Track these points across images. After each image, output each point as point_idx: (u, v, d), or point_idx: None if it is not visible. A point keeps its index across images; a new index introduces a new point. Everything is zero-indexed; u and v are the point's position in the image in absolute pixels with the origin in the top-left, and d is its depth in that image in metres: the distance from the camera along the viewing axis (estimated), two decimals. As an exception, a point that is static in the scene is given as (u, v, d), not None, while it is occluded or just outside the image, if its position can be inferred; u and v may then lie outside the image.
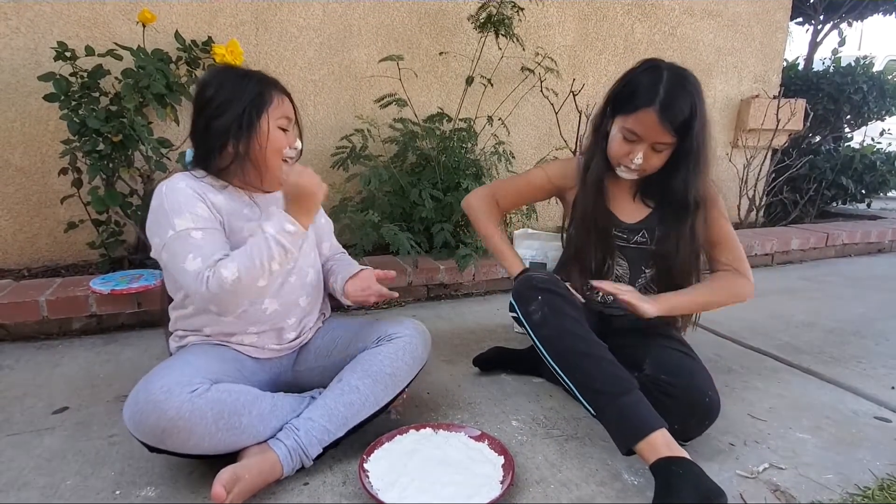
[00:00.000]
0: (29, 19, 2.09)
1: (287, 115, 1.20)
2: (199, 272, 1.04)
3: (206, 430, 0.99)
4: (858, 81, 3.95)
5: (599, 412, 1.13)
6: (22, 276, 2.16)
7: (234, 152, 1.15)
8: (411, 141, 2.48)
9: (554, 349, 1.20)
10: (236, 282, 1.04)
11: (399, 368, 1.22)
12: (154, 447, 1.01)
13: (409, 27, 2.71)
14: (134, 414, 0.98)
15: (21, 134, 2.16)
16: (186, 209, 1.09)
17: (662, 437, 1.05)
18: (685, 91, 1.20)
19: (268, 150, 1.17)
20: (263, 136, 1.16)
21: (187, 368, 1.05)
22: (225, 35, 2.35)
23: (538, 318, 1.22)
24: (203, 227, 1.09)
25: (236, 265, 1.05)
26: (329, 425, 1.11)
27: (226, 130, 1.14)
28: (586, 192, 1.37)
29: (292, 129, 1.23)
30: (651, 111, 1.19)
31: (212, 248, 1.08)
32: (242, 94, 1.15)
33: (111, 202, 2.00)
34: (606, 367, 1.14)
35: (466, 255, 2.25)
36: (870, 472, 1.15)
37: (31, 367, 1.62)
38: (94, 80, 2.01)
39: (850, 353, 1.81)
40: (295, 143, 1.23)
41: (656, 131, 1.21)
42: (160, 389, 0.98)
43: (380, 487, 1.02)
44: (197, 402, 0.98)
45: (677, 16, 3.36)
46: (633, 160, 1.24)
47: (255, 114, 1.15)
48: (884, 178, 3.98)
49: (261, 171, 1.19)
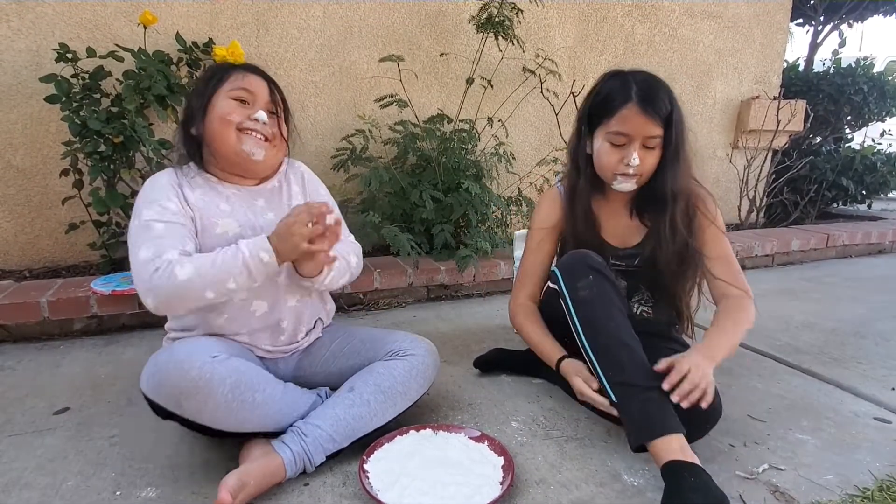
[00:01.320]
0: (30, 21, 2.10)
1: (245, 87, 1.17)
2: (149, 260, 1.04)
3: (223, 397, 1.00)
4: (859, 82, 3.95)
5: (623, 400, 1.12)
6: (23, 276, 2.17)
7: (196, 136, 1.18)
8: (412, 142, 2.49)
9: (593, 330, 1.18)
10: (186, 282, 1.03)
11: (410, 388, 1.22)
12: (169, 412, 1.01)
13: (410, 28, 2.71)
14: (154, 374, 1.00)
15: (22, 135, 2.16)
16: (157, 202, 1.11)
17: (679, 441, 1.04)
18: (658, 83, 1.22)
19: (212, 121, 1.16)
20: (211, 112, 1.16)
21: (207, 341, 1.08)
22: (226, 36, 2.35)
23: (585, 295, 1.20)
24: (167, 221, 1.10)
25: (193, 266, 1.05)
26: (336, 435, 1.11)
27: (189, 118, 1.18)
28: (576, 223, 1.37)
29: (258, 104, 1.18)
30: (632, 105, 1.20)
31: (170, 241, 1.08)
32: (209, 76, 1.19)
33: (112, 203, 2.00)
34: (640, 361, 1.14)
35: (466, 256, 2.25)
36: (869, 473, 1.15)
37: (32, 367, 1.63)
38: (95, 81, 2.02)
39: (850, 354, 1.81)
40: (255, 114, 1.16)
41: (643, 124, 1.20)
42: (182, 352, 1.01)
43: (380, 488, 1.02)
44: (218, 368, 1.00)
45: (678, 17, 3.37)
46: (629, 162, 1.22)
47: (208, 94, 1.16)
48: (884, 179, 3.98)
49: (215, 148, 1.18)
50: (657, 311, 1.42)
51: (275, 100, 1.21)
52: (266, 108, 1.19)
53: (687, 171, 1.28)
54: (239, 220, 1.19)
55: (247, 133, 1.16)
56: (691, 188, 1.31)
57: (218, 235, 1.16)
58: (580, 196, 1.35)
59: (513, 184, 2.86)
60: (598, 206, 1.38)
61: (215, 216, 1.17)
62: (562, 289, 1.24)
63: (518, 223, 2.67)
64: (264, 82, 1.20)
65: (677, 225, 1.28)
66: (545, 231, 1.45)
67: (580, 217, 1.36)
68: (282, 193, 1.30)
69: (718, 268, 1.32)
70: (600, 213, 1.38)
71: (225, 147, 1.16)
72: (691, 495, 0.95)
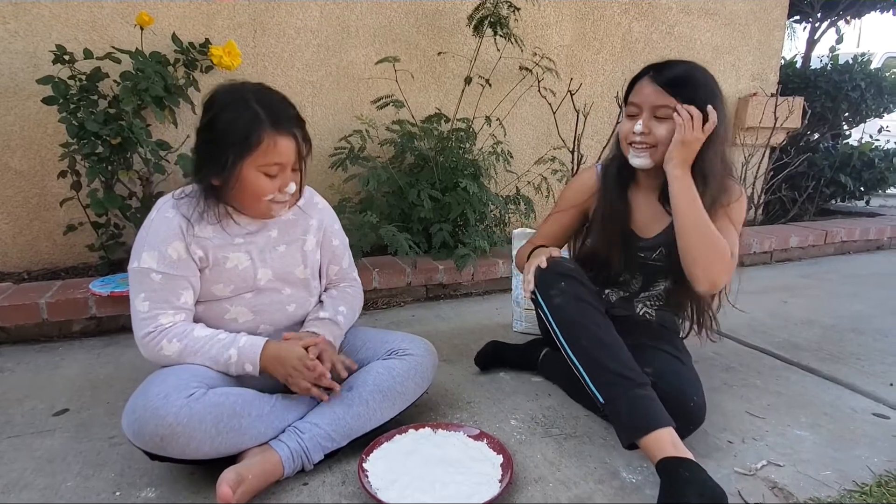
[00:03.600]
0: (27, 23, 2.10)
1: (278, 161, 1.10)
2: (144, 316, 1.10)
3: (205, 434, 0.99)
4: (856, 79, 3.95)
5: (609, 401, 1.12)
6: (22, 278, 2.16)
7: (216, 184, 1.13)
8: (409, 142, 2.49)
9: (572, 334, 1.18)
10: (169, 357, 1.10)
11: (409, 388, 1.22)
12: (155, 455, 1.01)
13: (407, 28, 2.71)
14: (132, 423, 0.98)
15: (20, 137, 2.16)
16: (158, 247, 1.11)
17: (670, 436, 1.05)
18: (680, 62, 1.26)
19: (244, 195, 1.13)
20: (236, 181, 1.10)
21: (184, 374, 1.05)
22: (223, 37, 2.35)
23: (559, 301, 1.20)
24: (164, 272, 1.11)
25: (181, 346, 1.10)
26: (334, 434, 1.11)
27: (210, 162, 1.11)
28: (605, 207, 1.36)
29: (287, 171, 1.13)
30: (645, 78, 1.25)
31: (164, 295, 1.11)
32: (233, 129, 1.07)
33: (110, 204, 2.00)
34: (623, 359, 1.14)
35: (465, 255, 2.25)
36: (868, 469, 1.15)
37: (31, 369, 1.63)
38: (92, 83, 2.02)
39: (848, 350, 1.82)
40: (287, 187, 1.14)
41: (651, 93, 1.22)
42: (157, 396, 0.98)
43: (379, 487, 1.02)
44: (195, 407, 0.98)
45: (675, 14, 3.37)
46: (635, 129, 1.24)
47: (235, 158, 1.07)
48: (882, 176, 3.98)
49: (242, 208, 1.18)
50: (660, 314, 1.42)
51: (300, 155, 1.15)
52: (293, 171, 1.15)
53: (715, 156, 1.24)
54: (251, 253, 1.20)
55: (275, 203, 1.15)
56: (723, 179, 1.27)
57: (228, 269, 1.17)
58: (610, 177, 1.37)
59: (511, 182, 2.86)
60: (632, 194, 1.38)
61: (228, 251, 1.18)
62: (539, 302, 1.25)
63: (516, 222, 2.67)
64: (293, 143, 1.12)
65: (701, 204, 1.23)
66: (566, 208, 1.46)
67: (609, 200, 1.36)
68: (297, 226, 1.29)
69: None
70: (633, 201, 1.37)
71: (250, 212, 1.18)
72: (687, 490, 0.96)
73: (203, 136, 1.12)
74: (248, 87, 1.13)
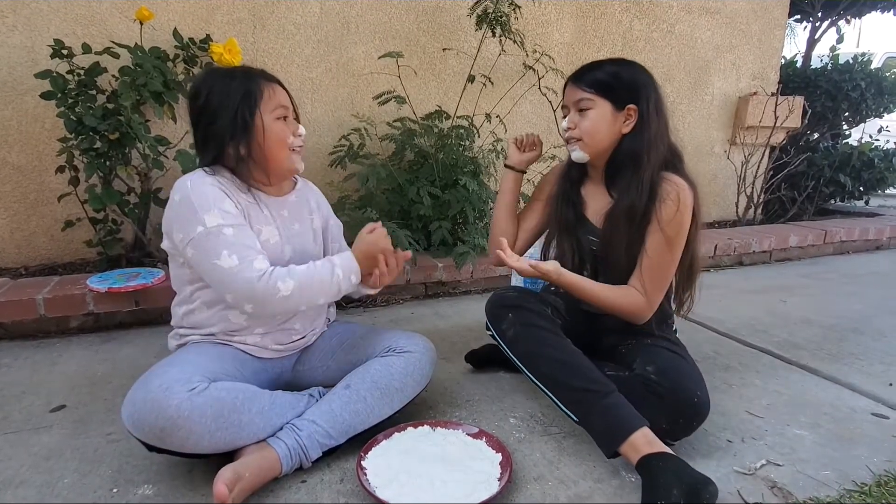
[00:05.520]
0: (26, 17, 2.08)
1: (282, 104, 1.17)
2: (239, 269, 1.06)
3: (205, 428, 0.98)
4: (856, 78, 3.95)
5: (582, 418, 1.15)
6: (19, 274, 2.16)
7: (235, 154, 1.15)
8: (409, 139, 2.48)
9: (531, 363, 1.22)
10: (285, 298, 1.09)
11: (407, 385, 1.22)
12: (153, 446, 1.00)
13: (407, 24, 2.70)
14: (132, 413, 0.98)
15: (18, 132, 2.15)
16: (215, 205, 1.10)
17: (643, 437, 1.06)
18: (607, 60, 1.30)
19: (270, 144, 1.16)
20: (261, 133, 1.14)
21: (186, 367, 1.05)
22: (222, 33, 2.34)
23: (512, 334, 1.25)
24: (233, 224, 1.10)
25: (294, 283, 1.09)
26: (332, 431, 1.11)
27: (223, 135, 1.13)
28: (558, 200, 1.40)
29: (291, 117, 1.20)
30: (569, 81, 1.32)
31: (245, 244, 1.09)
32: (231, 95, 1.13)
33: (108, 200, 1.99)
34: (584, 373, 1.16)
35: (464, 253, 2.25)
36: (867, 469, 1.15)
37: (28, 365, 1.62)
38: (91, 77, 2.00)
39: (847, 349, 1.82)
40: (298, 130, 1.21)
41: (570, 91, 1.30)
42: (159, 388, 0.98)
43: (378, 485, 1.02)
44: (196, 401, 0.98)
45: (675, 13, 3.36)
46: (562, 126, 1.31)
47: (248, 113, 1.13)
48: (882, 176, 3.98)
49: (268, 166, 1.19)
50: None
51: (295, 106, 1.23)
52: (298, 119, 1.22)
53: (647, 140, 1.24)
54: (278, 228, 1.22)
55: (294, 151, 1.20)
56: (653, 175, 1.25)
57: (262, 242, 1.17)
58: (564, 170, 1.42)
59: (511, 180, 2.85)
60: (586, 188, 1.41)
61: (260, 222, 1.19)
62: (496, 338, 1.31)
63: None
64: (283, 90, 1.20)
65: (629, 193, 1.25)
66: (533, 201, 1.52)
67: (562, 194, 1.40)
68: (302, 207, 1.33)
69: (645, 262, 1.26)
70: (587, 194, 1.40)
71: (279, 165, 1.19)
72: (665, 477, 0.97)
73: (205, 120, 1.15)
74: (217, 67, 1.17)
